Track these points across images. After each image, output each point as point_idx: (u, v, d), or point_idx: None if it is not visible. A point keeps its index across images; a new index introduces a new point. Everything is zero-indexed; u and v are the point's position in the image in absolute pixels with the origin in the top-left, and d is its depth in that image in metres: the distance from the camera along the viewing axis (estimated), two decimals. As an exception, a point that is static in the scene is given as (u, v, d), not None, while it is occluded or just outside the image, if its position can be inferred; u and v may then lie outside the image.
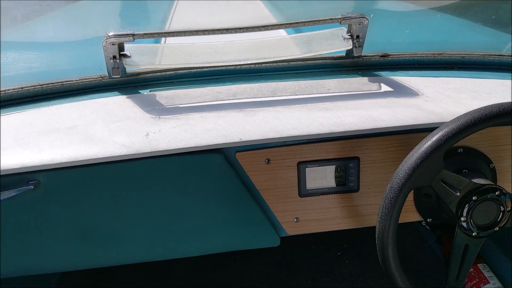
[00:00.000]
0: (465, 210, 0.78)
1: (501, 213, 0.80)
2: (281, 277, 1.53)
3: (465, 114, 0.73)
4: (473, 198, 0.78)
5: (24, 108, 0.94)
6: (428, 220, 0.94)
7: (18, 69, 1.10)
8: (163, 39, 1.18)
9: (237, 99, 0.93)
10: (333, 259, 1.60)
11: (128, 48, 0.93)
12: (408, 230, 1.70)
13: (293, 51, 0.99)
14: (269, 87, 0.98)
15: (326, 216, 0.92)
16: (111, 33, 0.88)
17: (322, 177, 0.89)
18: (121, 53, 0.92)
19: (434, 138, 0.72)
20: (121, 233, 0.87)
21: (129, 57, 0.92)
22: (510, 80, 1.02)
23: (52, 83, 0.98)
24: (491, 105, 0.73)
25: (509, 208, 0.80)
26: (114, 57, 0.91)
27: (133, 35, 0.87)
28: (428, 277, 1.50)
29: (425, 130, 0.83)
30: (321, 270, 1.55)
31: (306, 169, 0.88)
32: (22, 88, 0.96)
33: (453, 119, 0.74)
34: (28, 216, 0.82)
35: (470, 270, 1.31)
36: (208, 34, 0.91)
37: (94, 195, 0.82)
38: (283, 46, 1.00)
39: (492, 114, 0.72)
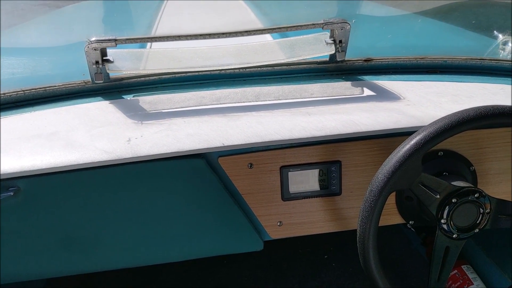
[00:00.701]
0: (445, 212, 0.79)
1: (481, 215, 0.81)
2: (268, 281, 1.53)
3: (443, 118, 0.74)
4: (453, 201, 0.79)
5: (6, 114, 0.93)
6: (410, 222, 0.95)
7: (1, 75, 1.09)
8: (148, 44, 1.18)
9: (220, 104, 0.93)
10: (320, 262, 1.60)
11: (111, 53, 0.93)
12: (394, 232, 1.71)
13: (277, 55, 1.00)
14: (253, 92, 0.98)
15: (309, 220, 0.93)
16: (93, 38, 0.88)
17: (305, 181, 0.90)
18: (104, 58, 0.91)
19: (412, 142, 0.73)
20: (104, 239, 0.87)
21: (112, 62, 0.92)
22: (491, 84, 1.04)
23: (35, 89, 0.97)
24: (468, 108, 0.75)
25: (488, 210, 0.81)
26: (97, 62, 0.91)
27: (115, 40, 0.87)
28: (414, 278, 1.51)
29: (406, 133, 0.84)
30: (308, 273, 1.55)
31: (289, 173, 0.88)
32: (4, 94, 0.95)
33: (431, 123, 0.75)
34: (8, 223, 0.81)
35: (454, 272, 1.32)
36: (192, 39, 0.91)
37: (75, 201, 0.82)
38: (267, 51, 1.00)
39: (469, 118, 0.73)
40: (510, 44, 1.24)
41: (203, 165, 0.84)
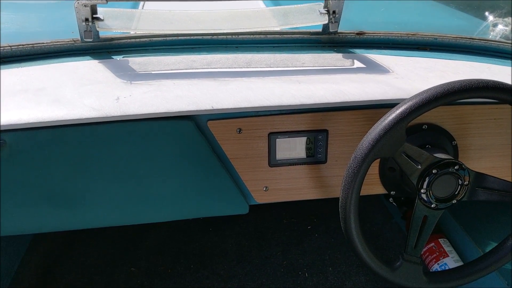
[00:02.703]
0: (425, 182, 0.82)
1: (459, 186, 0.84)
2: (252, 248, 1.57)
3: (428, 89, 0.76)
4: (433, 172, 0.81)
5: None
6: (392, 193, 0.98)
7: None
8: (140, 5, 1.16)
9: (211, 68, 0.93)
10: (304, 232, 1.65)
11: (102, 12, 0.91)
12: (376, 207, 1.76)
13: (270, 23, 0.99)
14: (245, 59, 0.98)
15: (295, 186, 0.95)
16: (83, -6, 0.86)
17: (292, 148, 0.91)
18: (94, 16, 0.90)
19: (397, 112, 0.75)
20: (90, 196, 0.87)
21: (102, 20, 0.91)
22: (478, 63, 1.05)
23: (22, 45, 0.95)
24: (453, 81, 0.76)
25: (466, 182, 0.84)
26: (87, 19, 0.89)
27: (106, -4, 0.86)
28: (393, 250, 1.57)
29: (392, 105, 0.86)
30: (291, 242, 1.60)
31: (277, 140, 0.90)
32: (-10, 48, 0.94)
33: (416, 94, 0.76)
34: None
35: (431, 244, 1.38)
36: (185, 0, 0.90)
37: (62, 157, 0.82)
38: (260, 17, 1.00)
39: (453, 90, 0.75)
40: (499, 26, 1.25)
41: (192, 127, 0.84)
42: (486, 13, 1.31)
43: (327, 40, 1.07)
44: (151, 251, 1.56)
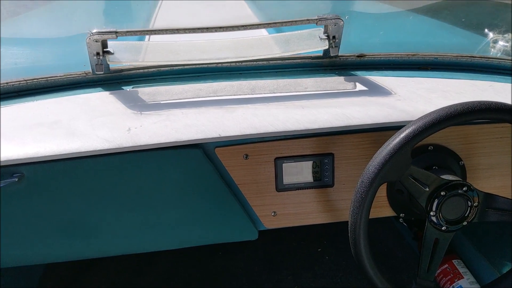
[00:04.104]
0: (434, 205, 0.82)
1: (469, 208, 0.83)
2: (262, 273, 1.56)
3: (431, 112, 0.77)
4: (442, 194, 0.81)
5: (9, 102, 0.95)
6: (401, 215, 0.98)
7: (4, 64, 1.11)
8: (146, 37, 1.20)
9: (217, 96, 0.96)
10: (314, 255, 1.63)
11: (112, 45, 0.95)
12: (387, 227, 1.74)
13: (272, 50, 1.02)
14: (249, 85, 1.01)
15: (303, 211, 0.95)
16: (94, 30, 0.90)
17: (299, 172, 0.92)
18: (105, 50, 0.94)
19: (401, 136, 0.76)
20: (103, 226, 0.89)
21: (112, 54, 0.95)
22: (480, 81, 1.06)
23: (37, 79, 0.99)
24: (456, 104, 0.77)
25: (476, 204, 0.83)
26: (98, 53, 0.93)
27: (116, 32, 0.90)
28: (405, 272, 1.54)
29: (396, 127, 0.87)
30: (302, 266, 1.58)
31: (283, 164, 0.91)
32: (7, 83, 0.98)
33: (420, 117, 0.77)
34: (12, 208, 0.84)
35: (445, 266, 1.35)
36: (190, 32, 0.94)
37: (76, 188, 0.84)
38: (263, 45, 1.03)
39: (456, 113, 0.76)
40: (500, 42, 1.26)
41: (200, 155, 0.86)
42: (486, 30, 1.33)
43: (329, 63, 1.09)
44: (161, 276, 1.56)
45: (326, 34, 1.00)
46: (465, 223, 0.84)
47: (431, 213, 0.82)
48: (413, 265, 1.56)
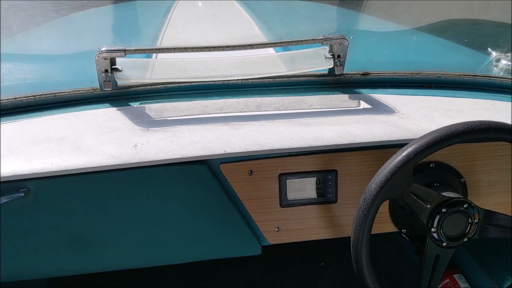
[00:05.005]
0: (436, 221, 0.83)
1: (469, 225, 0.85)
2: (265, 286, 1.56)
3: (433, 131, 0.78)
4: (443, 210, 0.83)
5: (17, 118, 0.97)
6: (403, 231, 0.99)
7: (12, 80, 1.13)
8: (154, 54, 1.23)
9: (223, 113, 0.97)
10: (317, 269, 1.63)
11: (120, 62, 0.97)
12: (389, 242, 1.74)
13: (278, 68, 1.04)
14: (255, 102, 1.02)
15: (306, 226, 0.96)
16: (103, 48, 0.92)
17: (302, 188, 0.93)
18: (113, 67, 0.96)
19: (403, 154, 0.77)
20: (108, 240, 0.90)
21: (121, 71, 0.96)
22: (483, 100, 1.08)
23: (45, 94, 1.01)
24: (457, 123, 0.79)
25: (476, 220, 0.85)
26: (106, 71, 0.95)
27: (125, 50, 0.92)
28: (407, 286, 1.54)
29: (399, 145, 0.88)
30: (305, 280, 1.58)
31: (287, 180, 0.92)
32: (15, 98, 0.99)
33: (422, 136, 0.79)
34: (18, 223, 0.85)
35: (446, 281, 1.35)
36: (198, 51, 0.96)
37: (82, 203, 0.85)
38: (269, 63, 1.05)
39: (457, 132, 0.77)
40: (502, 61, 1.28)
41: (206, 171, 0.87)
42: (488, 49, 1.35)
43: (333, 81, 1.11)
44: (164, 290, 1.56)
45: (331, 53, 1.02)
46: (465, 239, 0.86)
47: (432, 230, 0.84)
48: (415, 279, 1.55)
